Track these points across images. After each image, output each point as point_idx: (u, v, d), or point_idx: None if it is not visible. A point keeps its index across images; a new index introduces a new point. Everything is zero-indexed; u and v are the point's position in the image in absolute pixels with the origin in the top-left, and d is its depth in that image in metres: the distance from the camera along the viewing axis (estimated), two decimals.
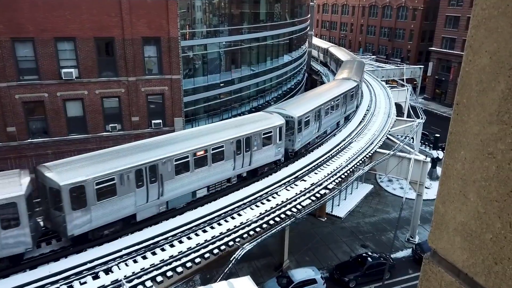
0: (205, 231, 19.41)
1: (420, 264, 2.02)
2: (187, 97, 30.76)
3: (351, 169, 27.43)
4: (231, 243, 18.84)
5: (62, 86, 24.55)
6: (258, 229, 20.13)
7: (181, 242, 18.50)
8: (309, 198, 23.05)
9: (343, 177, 26.28)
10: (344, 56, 54.85)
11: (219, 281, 16.34)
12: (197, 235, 19.09)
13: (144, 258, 17.30)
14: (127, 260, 17.05)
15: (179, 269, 16.98)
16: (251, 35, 39.05)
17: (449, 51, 65.53)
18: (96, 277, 16.02)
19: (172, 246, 18.19)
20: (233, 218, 20.67)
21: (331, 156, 28.77)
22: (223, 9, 36.86)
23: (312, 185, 24.25)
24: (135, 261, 17.03)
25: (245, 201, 22.17)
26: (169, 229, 19.19)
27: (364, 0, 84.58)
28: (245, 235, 19.57)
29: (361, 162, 28.69)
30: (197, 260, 17.66)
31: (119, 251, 17.44)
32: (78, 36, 24.27)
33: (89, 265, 16.43)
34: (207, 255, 17.95)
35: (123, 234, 18.72)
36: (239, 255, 18.29)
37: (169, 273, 16.71)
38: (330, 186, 24.71)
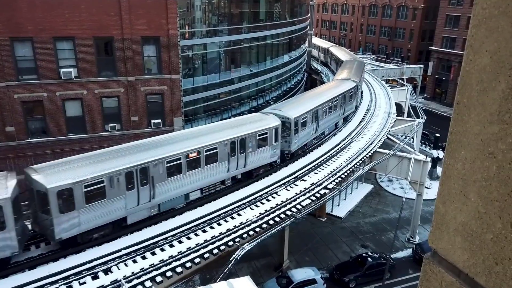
0: (204, 231, 19.38)
1: (420, 264, 2.02)
2: (186, 96, 30.69)
3: (351, 169, 27.36)
4: (230, 243, 18.80)
5: (61, 85, 24.48)
6: (257, 229, 20.09)
7: (180, 242, 18.47)
8: (309, 198, 23.00)
9: (343, 177, 26.21)
10: (344, 56, 54.72)
11: (218, 281, 16.30)
12: (196, 235, 19.06)
13: (143, 258, 17.28)
14: (126, 260, 17.01)
15: (179, 269, 16.96)
16: (251, 34, 38.99)
17: (449, 50, 65.47)
18: (95, 277, 15.98)
19: (171, 246, 18.16)
20: (232, 218, 20.62)
21: (330, 156, 28.69)
22: (223, 9, 36.78)
23: (312, 185, 24.19)
24: (135, 261, 17.00)
25: (244, 201, 22.11)
26: (168, 229, 19.14)
27: None
28: (245, 235, 19.53)
29: (361, 162, 28.62)
30: (197, 260, 17.64)
31: (119, 251, 17.40)
32: (77, 35, 24.20)
33: (88, 265, 16.40)
34: (206, 255, 17.93)
35: (123, 234, 18.65)
36: (239, 255, 18.24)
37: (169, 273, 16.67)
38: (330, 186, 24.65)
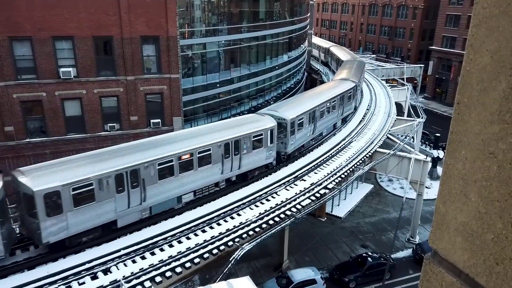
0: (204, 231, 19.33)
1: (420, 264, 2.01)
2: (186, 96, 30.62)
3: (351, 169, 27.29)
4: (230, 243, 18.74)
5: (60, 85, 24.40)
6: (257, 229, 20.04)
7: (180, 242, 18.43)
8: (308, 198, 22.94)
9: (343, 176, 26.14)
10: (344, 56, 54.51)
11: (218, 281, 16.26)
12: (196, 235, 19.02)
13: (143, 258, 17.25)
14: (125, 260, 16.97)
15: (178, 270, 16.92)
16: (251, 34, 38.90)
17: (449, 50, 65.40)
18: (94, 277, 15.94)
19: (171, 246, 18.13)
20: (232, 218, 20.57)
21: (330, 156, 28.62)
22: (222, 8, 36.69)
23: (311, 184, 24.12)
24: (134, 262, 16.98)
25: (244, 201, 22.05)
26: (167, 229, 19.10)
27: None
28: (245, 235, 19.48)
29: (361, 161, 28.55)
30: (196, 260, 17.60)
31: (118, 251, 17.36)
32: (76, 35, 24.11)
33: (87, 265, 16.36)
34: (206, 255, 17.89)
35: (122, 234, 18.59)
36: (239, 255, 18.20)
37: (168, 274, 16.63)
38: (330, 186, 24.58)
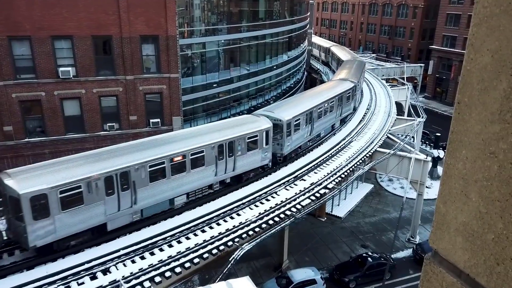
0: (203, 231, 19.28)
1: (420, 264, 2.02)
2: (185, 96, 30.56)
3: (351, 169, 27.22)
4: (230, 243, 18.68)
5: (59, 85, 24.33)
6: (257, 229, 19.99)
7: (179, 242, 18.38)
8: (308, 197, 22.88)
9: (343, 176, 26.08)
10: (345, 55, 54.33)
11: (218, 281, 16.21)
12: (195, 235, 18.96)
13: (142, 258, 17.21)
14: (125, 260, 16.92)
15: (178, 270, 16.86)
16: (250, 33, 38.83)
17: (450, 49, 65.31)
18: (94, 277, 15.89)
19: (170, 246, 18.08)
20: (232, 218, 20.52)
21: (330, 155, 28.55)
22: (222, 7, 36.62)
23: (311, 184, 24.06)
24: (133, 262, 16.93)
25: (244, 201, 22.00)
26: (167, 229, 19.04)
27: None
28: (244, 235, 19.42)
29: (361, 161, 28.48)
30: (196, 260, 17.55)
31: (117, 251, 17.30)
32: (75, 34, 24.03)
33: (86, 266, 16.30)
34: (205, 256, 17.84)
35: (121, 234, 18.54)
36: (238, 256, 18.15)
37: (168, 274, 16.57)
38: (330, 185, 24.52)
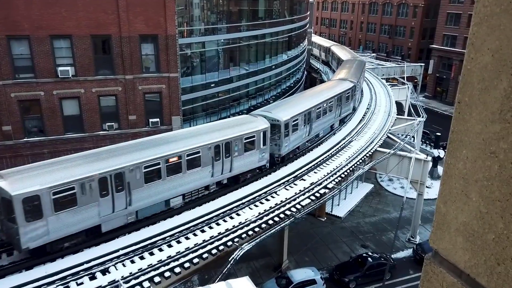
0: (203, 231, 19.23)
1: (421, 264, 2.08)
2: (185, 95, 30.48)
3: (351, 168, 27.15)
4: (229, 243, 18.62)
5: (58, 84, 24.25)
6: (257, 229, 19.93)
7: (179, 242, 18.34)
8: (308, 197, 22.81)
9: (343, 176, 26.01)
10: (345, 55, 54.22)
11: (217, 281, 16.16)
12: (195, 235, 18.92)
13: (141, 258, 17.18)
14: (124, 260, 16.89)
15: (177, 270, 16.82)
16: (250, 32, 38.76)
17: (450, 48, 65.23)
18: (93, 277, 15.85)
19: (170, 246, 18.03)
20: (231, 218, 20.46)
21: (330, 155, 28.48)
22: (221, 7, 36.55)
23: (311, 184, 23.99)
24: (133, 262, 16.91)
25: (243, 200, 21.94)
26: (166, 229, 18.99)
27: None
28: (244, 235, 19.36)
29: (361, 161, 28.41)
30: (195, 260, 17.50)
31: (117, 251, 17.28)
32: (74, 33, 23.95)
33: (86, 266, 16.27)
34: (205, 256, 17.79)
35: (121, 234, 18.49)
36: (238, 256, 18.10)
37: (167, 274, 16.53)
38: (329, 185, 24.45)
